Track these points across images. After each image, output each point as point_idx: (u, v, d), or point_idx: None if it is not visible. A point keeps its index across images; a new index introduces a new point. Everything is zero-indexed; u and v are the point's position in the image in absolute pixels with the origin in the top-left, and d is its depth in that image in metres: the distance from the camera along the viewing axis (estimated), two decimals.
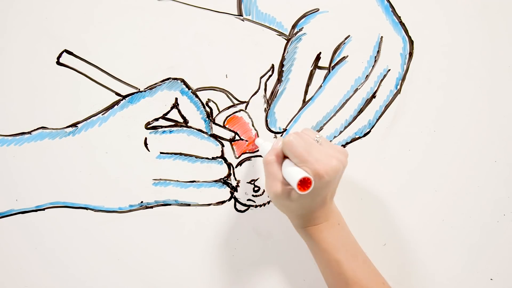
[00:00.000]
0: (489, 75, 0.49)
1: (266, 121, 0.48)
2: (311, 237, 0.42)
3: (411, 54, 0.49)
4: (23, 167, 0.47)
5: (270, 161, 0.41)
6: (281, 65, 0.48)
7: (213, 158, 0.48)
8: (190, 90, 0.48)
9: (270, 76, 0.49)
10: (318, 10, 0.49)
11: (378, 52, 0.48)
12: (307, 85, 0.48)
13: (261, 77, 0.49)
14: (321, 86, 0.48)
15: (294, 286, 0.49)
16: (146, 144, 0.47)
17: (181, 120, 0.48)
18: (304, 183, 0.36)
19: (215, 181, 0.48)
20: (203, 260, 0.49)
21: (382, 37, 0.48)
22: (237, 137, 0.48)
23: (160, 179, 0.48)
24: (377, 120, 0.49)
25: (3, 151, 0.47)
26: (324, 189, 0.39)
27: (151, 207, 0.48)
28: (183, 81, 0.48)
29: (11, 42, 0.47)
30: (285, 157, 0.41)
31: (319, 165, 0.38)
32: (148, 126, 0.47)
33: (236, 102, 0.49)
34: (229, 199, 0.49)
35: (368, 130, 0.49)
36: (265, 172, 0.41)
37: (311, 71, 0.48)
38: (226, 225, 0.49)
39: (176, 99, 0.47)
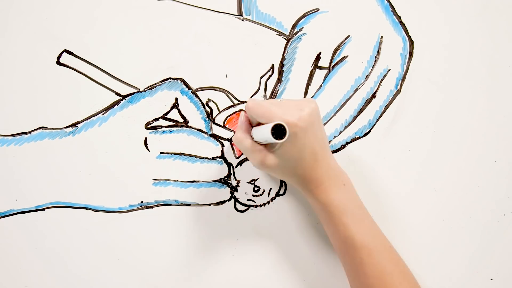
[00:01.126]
0: (489, 75, 0.49)
1: None
2: (316, 199, 0.41)
3: (411, 54, 0.49)
4: (23, 167, 0.47)
5: (240, 138, 0.40)
6: (281, 65, 0.48)
7: (213, 158, 0.48)
8: (190, 90, 0.48)
9: (270, 76, 0.49)
10: (318, 10, 0.49)
11: (378, 52, 0.48)
12: (307, 85, 0.48)
13: (261, 77, 0.49)
14: (321, 86, 0.48)
15: (294, 286, 0.49)
16: (146, 144, 0.47)
17: (181, 120, 0.48)
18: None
19: (215, 181, 0.48)
20: (203, 260, 0.49)
21: (382, 37, 0.48)
22: None
23: (160, 179, 0.48)
24: (377, 120, 0.49)
25: (3, 151, 0.47)
26: (305, 139, 0.38)
27: (151, 207, 0.48)
28: (183, 81, 0.48)
29: (11, 42, 0.47)
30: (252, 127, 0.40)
31: (288, 115, 0.37)
32: (148, 126, 0.47)
33: (236, 102, 0.49)
34: (229, 199, 0.49)
35: (368, 130, 0.49)
36: (243, 150, 0.40)
37: (311, 71, 0.48)
38: (226, 225, 0.49)
39: (176, 99, 0.47)
